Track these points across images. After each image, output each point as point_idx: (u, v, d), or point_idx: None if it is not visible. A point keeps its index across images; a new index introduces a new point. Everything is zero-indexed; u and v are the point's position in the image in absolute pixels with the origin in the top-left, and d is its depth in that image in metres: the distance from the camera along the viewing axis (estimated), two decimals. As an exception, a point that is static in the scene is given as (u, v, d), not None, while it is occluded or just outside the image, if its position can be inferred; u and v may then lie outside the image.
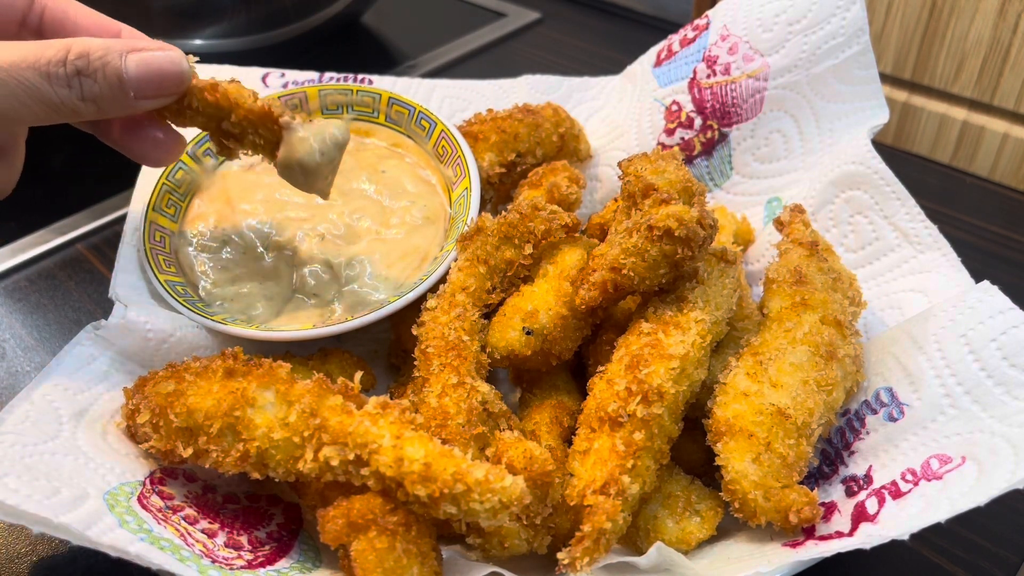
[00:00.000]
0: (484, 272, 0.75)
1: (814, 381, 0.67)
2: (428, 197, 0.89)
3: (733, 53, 0.92)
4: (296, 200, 0.88)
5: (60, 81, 0.64)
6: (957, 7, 1.35)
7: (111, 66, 0.66)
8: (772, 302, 0.73)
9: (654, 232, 0.67)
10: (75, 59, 0.64)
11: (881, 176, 0.82)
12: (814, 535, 0.63)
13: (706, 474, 0.71)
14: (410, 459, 0.56)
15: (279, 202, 0.88)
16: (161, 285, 0.78)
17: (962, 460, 0.61)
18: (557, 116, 0.95)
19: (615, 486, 0.61)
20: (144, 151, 0.75)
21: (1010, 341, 0.64)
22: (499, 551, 0.62)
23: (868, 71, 0.87)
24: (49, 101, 0.64)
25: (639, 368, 0.65)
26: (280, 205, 0.87)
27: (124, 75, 0.66)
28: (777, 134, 0.92)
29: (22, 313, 0.98)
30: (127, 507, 0.60)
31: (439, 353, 0.69)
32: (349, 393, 0.64)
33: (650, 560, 0.61)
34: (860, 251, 0.84)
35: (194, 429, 0.63)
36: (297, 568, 0.64)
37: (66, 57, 0.64)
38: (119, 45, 0.67)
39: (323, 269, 0.83)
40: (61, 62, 0.64)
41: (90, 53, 0.65)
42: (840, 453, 0.70)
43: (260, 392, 0.62)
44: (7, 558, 0.72)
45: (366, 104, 0.95)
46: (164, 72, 0.69)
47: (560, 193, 0.84)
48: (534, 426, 0.72)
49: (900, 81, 1.49)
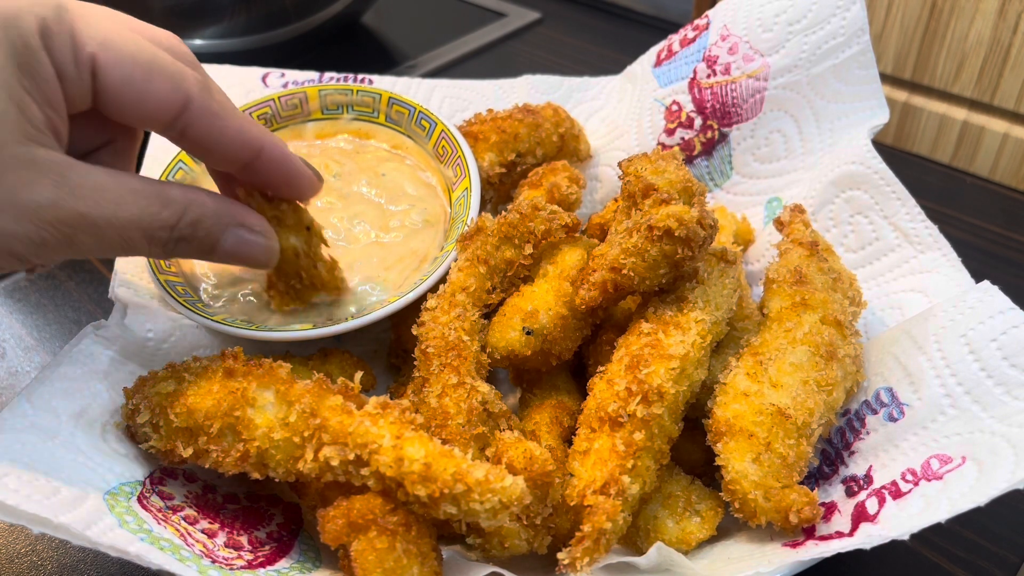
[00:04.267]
0: (484, 272, 0.75)
1: (814, 381, 0.67)
2: (428, 200, 0.89)
3: (733, 53, 0.92)
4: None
5: (158, 244, 0.61)
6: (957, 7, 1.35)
7: (211, 239, 0.64)
8: (772, 302, 0.73)
9: (654, 232, 0.67)
10: (186, 226, 0.62)
11: (881, 176, 0.82)
12: (814, 535, 0.63)
13: (706, 474, 0.71)
14: (410, 459, 0.56)
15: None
16: (161, 285, 0.78)
17: (962, 460, 0.61)
18: (557, 116, 0.95)
19: (615, 486, 0.61)
20: None
21: (1010, 341, 0.64)
22: (499, 551, 0.62)
23: (868, 71, 0.87)
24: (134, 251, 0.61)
25: (639, 368, 0.65)
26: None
27: (218, 248, 0.65)
28: (777, 134, 0.92)
29: (22, 313, 0.98)
30: (127, 507, 0.60)
31: (439, 353, 0.69)
32: (349, 393, 0.64)
33: (650, 560, 0.61)
34: (860, 251, 0.84)
35: (194, 429, 0.63)
36: (297, 568, 0.64)
37: (178, 223, 0.61)
38: (228, 216, 0.65)
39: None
40: (172, 228, 0.61)
41: (201, 223, 0.62)
42: (840, 453, 0.70)
43: (260, 392, 0.62)
44: (7, 558, 0.72)
45: (366, 104, 0.95)
46: (252, 259, 0.68)
47: (560, 193, 0.84)
48: (534, 426, 0.72)
49: (900, 81, 1.49)
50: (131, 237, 0.59)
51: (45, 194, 0.55)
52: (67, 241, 0.57)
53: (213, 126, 0.62)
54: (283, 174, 0.68)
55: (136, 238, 0.59)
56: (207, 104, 0.62)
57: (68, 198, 0.55)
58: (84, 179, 0.56)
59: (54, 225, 0.55)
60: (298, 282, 0.76)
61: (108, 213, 0.57)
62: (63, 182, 0.55)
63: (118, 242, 0.59)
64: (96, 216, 0.57)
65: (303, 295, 0.77)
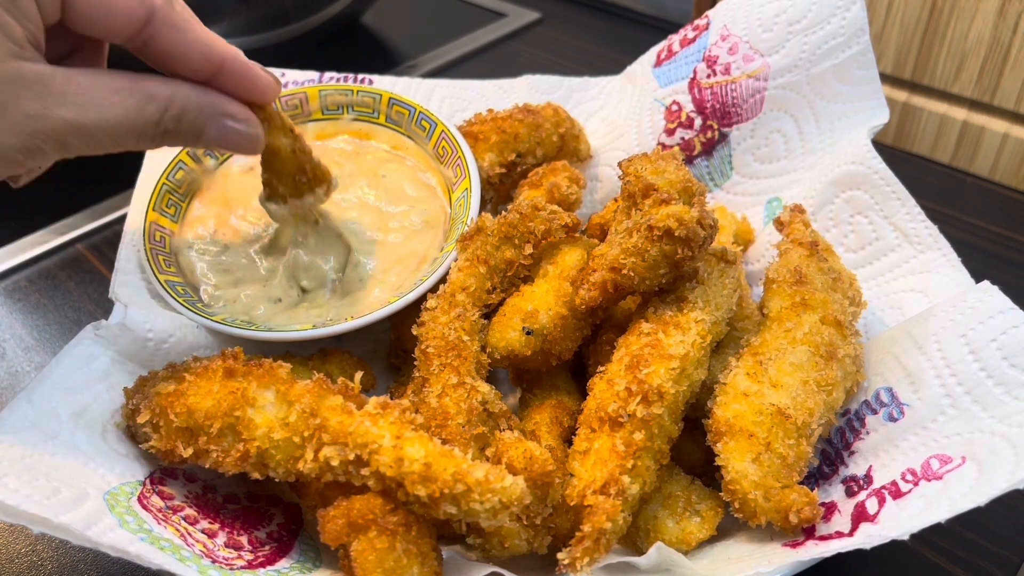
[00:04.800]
0: (484, 272, 0.75)
1: (814, 381, 0.67)
2: (428, 201, 0.89)
3: (733, 53, 0.92)
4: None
5: (146, 138, 0.64)
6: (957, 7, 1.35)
7: (197, 127, 0.66)
8: (772, 302, 0.73)
9: (654, 232, 0.67)
10: (170, 120, 0.64)
11: (881, 176, 0.82)
12: (814, 535, 0.63)
13: (706, 474, 0.71)
14: (410, 459, 0.56)
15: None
16: (161, 285, 0.78)
17: (962, 460, 0.61)
18: (557, 116, 0.95)
19: (615, 486, 0.61)
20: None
21: (1010, 341, 0.64)
22: (499, 551, 0.62)
23: (868, 71, 0.87)
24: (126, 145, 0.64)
25: (639, 368, 0.65)
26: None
27: (203, 137, 0.67)
28: (777, 134, 0.92)
29: (22, 313, 0.98)
30: (127, 507, 0.60)
31: (439, 353, 0.69)
32: (349, 393, 0.64)
33: (650, 560, 0.61)
34: (860, 251, 0.84)
35: (194, 429, 0.63)
36: (297, 568, 0.64)
37: (163, 116, 0.64)
38: (212, 107, 0.66)
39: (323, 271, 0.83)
40: (157, 122, 0.64)
41: (185, 114, 0.65)
42: (840, 453, 0.70)
43: (260, 392, 0.62)
44: (7, 558, 0.72)
45: (366, 104, 0.95)
46: (238, 146, 0.70)
47: (560, 193, 0.84)
48: (534, 426, 0.72)
49: (900, 81, 1.49)
50: (119, 135, 0.62)
51: (32, 106, 0.58)
52: (59, 146, 0.60)
53: (176, 39, 0.64)
54: (246, 83, 0.69)
55: (123, 136, 0.62)
56: (169, 16, 0.63)
57: (54, 107, 0.59)
58: (68, 86, 0.59)
59: (44, 134, 0.59)
60: (302, 176, 0.78)
61: (94, 116, 0.60)
62: (48, 92, 0.58)
63: (107, 141, 0.62)
64: (83, 121, 0.60)
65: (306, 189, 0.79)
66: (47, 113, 0.58)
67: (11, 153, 0.59)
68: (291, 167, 0.77)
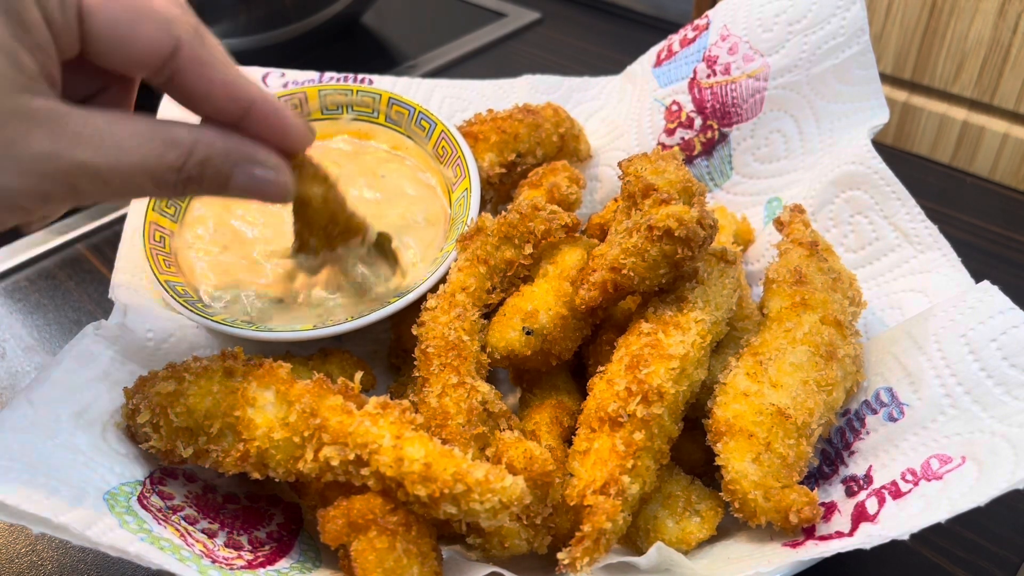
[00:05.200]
0: (484, 272, 0.75)
1: (814, 381, 0.67)
2: (428, 201, 0.89)
3: (733, 53, 0.92)
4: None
5: (167, 185, 0.59)
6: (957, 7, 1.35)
7: (221, 176, 0.61)
8: (772, 302, 0.73)
9: (654, 232, 0.67)
10: (192, 167, 0.59)
11: (881, 176, 0.82)
12: (814, 535, 0.63)
13: (706, 474, 0.71)
14: (410, 459, 0.56)
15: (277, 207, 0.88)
16: (161, 285, 0.78)
17: (962, 460, 0.61)
18: (557, 116, 0.95)
19: (615, 486, 0.61)
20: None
21: (1010, 341, 0.64)
22: (499, 551, 0.62)
23: (868, 71, 0.87)
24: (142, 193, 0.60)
25: (639, 368, 0.65)
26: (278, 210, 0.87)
27: (229, 185, 0.62)
28: (777, 134, 0.92)
29: (22, 313, 0.98)
30: (127, 507, 0.60)
31: (439, 353, 0.69)
32: (349, 393, 0.64)
33: (650, 560, 0.61)
34: (860, 251, 0.84)
35: (194, 429, 0.63)
36: (297, 568, 0.64)
37: (185, 163, 0.58)
38: (237, 153, 0.61)
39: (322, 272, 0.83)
40: (179, 169, 0.58)
41: (209, 161, 0.60)
42: (840, 453, 0.70)
43: (260, 392, 0.62)
44: (7, 558, 0.72)
45: (366, 104, 0.95)
46: (265, 195, 0.65)
47: (560, 193, 0.84)
48: (534, 426, 0.72)
49: (900, 81, 1.49)
50: (137, 182, 0.57)
51: (43, 145, 0.53)
52: (70, 191, 0.55)
53: (202, 75, 0.59)
54: (276, 128, 0.64)
55: (142, 182, 0.57)
56: (197, 52, 0.59)
57: (67, 147, 0.53)
58: (83, 126, 0.54)
59: (55, 176, 0.54)
60: (334, 228, 0.74)
61: (111, 159, 0.55)
62: (61, 131, 0.53)
63: (124, 187, 0.57)
64: (98, 163, 0.55)
65: (339, 241, 0.76)
66: (59, 154, 0.53)
67: (19, 198, 0.54)
68: (323, 218, 0.72)
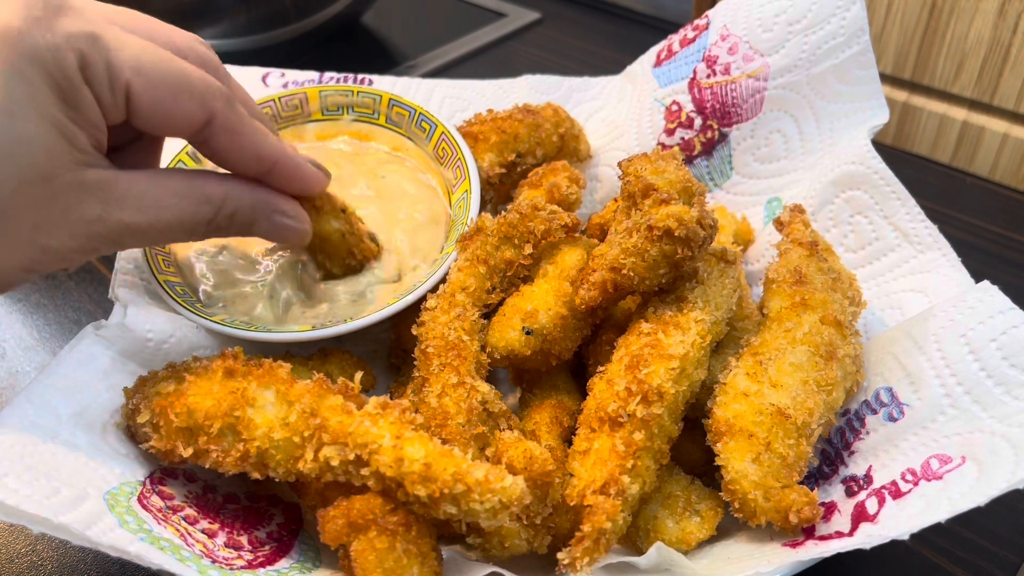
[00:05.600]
0: (484, 272, 0.75)
1: (814, 381, 0.67)
2: (428, 202, 0.89)
3: (733, 53, 0.92)
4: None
5: (197, 235, 0.67)
6: (957, 7, 1.35)
7: (247, 223, 0.69)
8: (772, 302, 0.73)
9: (654, 232, 0.67)
10: (223, 219, 0.67)
11: (881, 176, 0.82)
12: (814, 535, 0.63)
13: (706, 474, 0.71)
14: (410, 459, 0.56)
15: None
16: (160, 285, 0.78)
17: (962, 460, 0.61)
18: (557, 116, 0.95)
19: (615, 486, 0.61)
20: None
21: (1010, 341, 0.64)
22: (499, 551, 0.62)
23: (868, 71, 0.87)
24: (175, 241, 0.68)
25: (639, 368, 0.65)
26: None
27: (253, 231, 0.70)
28: (777, 134, 0.92)
29: (22, 313, 0.98)
30: (127, 507, 0.60)
31: (439, 353, 0.69)
32: (349, 393, 0.64)
33: (650, 560, 0.61)
34: (860, 251, 0.84)
35: (194, 429, 0.63)
36: (297, 568, 0.64)
37: (216, 216, 0.67)
38: (265, 205, 0.70)
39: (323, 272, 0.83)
40: (210, 221, 0.66)
41: (238, 214, 0.68)
42: (840, 453, 0.70)
43: (260, 392, 0.62)
44: (7, 558, 0.72)
45: (366, 105, 0.95)
46: (287, 239, 0.73)
47: (560, 193, 0.84)
48: (534, 426, 0.72)
49: (900, 81, 1.49)
50: (172, 234, 0.65)
51: (94, 211, 0.60)
52: (114, 246, 0.63)
53: (233, 141, 0.67)
54: (296, 179, 0.72)
55: (176, 233, 0.66)
56: (230, 120, 0.66)
57: (114, 211, 0.61)
58: (128, 190, 0.62)
59: (102, 236, 0.61)
60: (352, 259, 0.81)
61: (151, 218, 0.63)
62: (109, 197, 0.61)
63: (160, 238, 0.65)
64: (140, 222, 0.62)
65: (356, 269, 0.82)
66: (107, 217, 0.61)
67: (68, 254, 0.61)
68: (342, 251, 0.80)
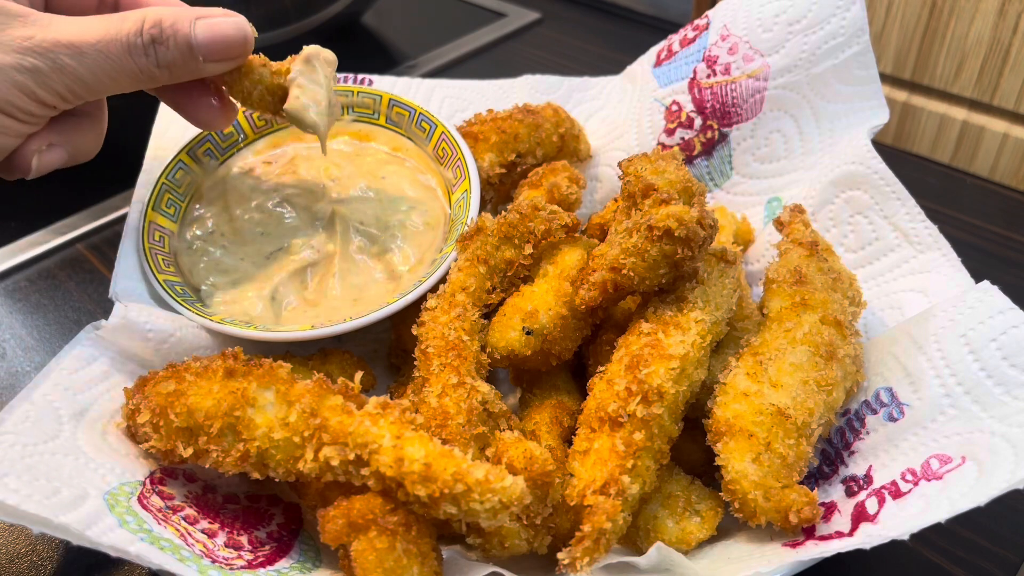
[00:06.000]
0: (484, 272, 0.75)
1: (814, 381, 0.67)
2: (428, 203, 0.89)
3: (733, 53, 0.92)
4: (294, 204, 0.88)
5: (139, 51, 0.69)
6: (957, 7, 1.35)
7: (181, 33, 0.70)
8: (772, 302, 0.73)
9: (654, 232, 0.67)
10: (150, 28, 0.69)
11: (881, 176, 0.82)
12: (814, 535, 0.63)
13: (706, 474, 0.71)
14: (410, 459, 0.56)
15: (277, 206, 0.88)
16: (160, 285, 0.78)
17: (962, 460, 0.61)
18: (557, 116, 0.95)
19: (615, 486, 0.61)
20: (198, 114, 0.80)
21: (1010, 341, 0.64)
22: (499, 551, 0.62)
23: (868, 71, 0.87)
24: (131, 71, 0.70)
25: (639, 368, 0.65)
26: (278, 211, 0.88)
27: (193, 41, 0.71)
28: (777, 134, 0.92)
29: (22, 313, 0.98)
30: (127, 507, 0.60)
31: (439, 353, 0.69)
32: (349, 393, 0.64)
33: (650, 560, 0.61)
34: (860, 251, 0.84)
35: (194, 429, 0.63)
36: (297, 568, 0.64)
37: (142, 27, 0.69)
38: (187, 12, 0.71)
39: (322, 271, 0.83)
40: (139, 32, 0.69)
41: (163, 21, 0.70)
42: (840, 453, 0.70)
43: (260, 392, 0.62)
44: (7, 558, 0.72)
45: (367, 106, 0.95)
46: (229, 37, 0.73)
47: (560, 193, 0.84)
48: (534, 426, 0.72)
49: (900, 81, 1.49)
50: (111, 52, 0.68)
51: (20, 32, 0.65)
52: (55, 66, 0.66)
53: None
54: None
55: (116, 52, 0.68)
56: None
57: (39, 30, 0.66)
58: (49, 19, 0.67)
59: (36, 51, 0.65)
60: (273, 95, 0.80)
61: (77, 34, 0.66)
62: (34, 22, 0.66)
63: (103, 60, 0.68)
64: (71, 38, 0.66)
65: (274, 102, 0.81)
66: (34, 35, 0.65)
67: (13, 73, 0.64)
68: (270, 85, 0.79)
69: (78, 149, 0.76)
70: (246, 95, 0.79)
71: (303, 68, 0.79)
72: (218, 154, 0.91)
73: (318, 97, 0.79)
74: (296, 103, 0.78)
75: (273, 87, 0.79)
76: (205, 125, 0.82)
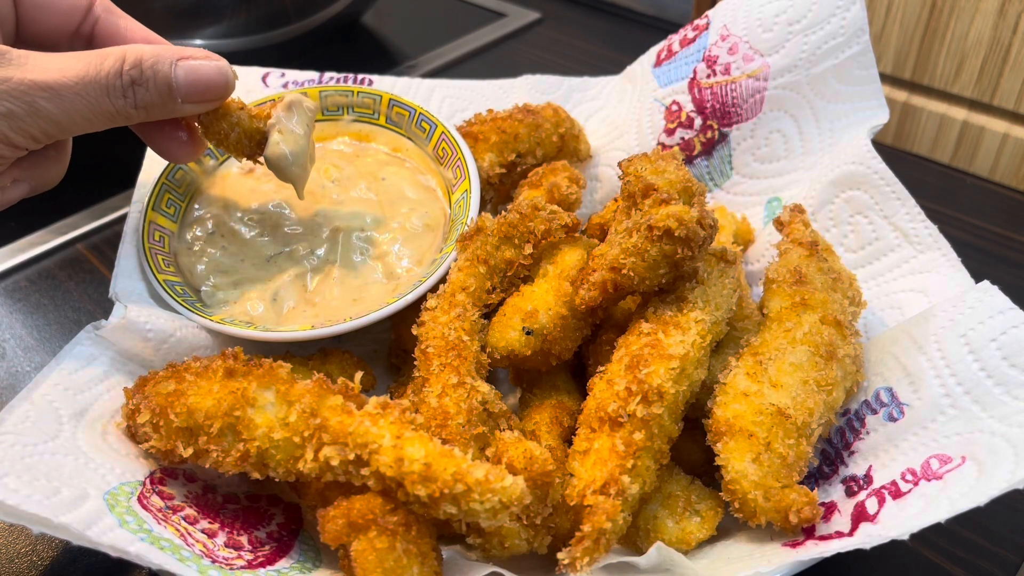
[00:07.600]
0: (484, 272, 0.75)
1: (814, 381, 0.67)
2: (428, 204, 0.89)
3: (733, 53, 0.92)
4: (294, 205, 0.88)
5: (117, 92, 0.67)
6: (957, 7, 1.35)
7: (162, 74, 0.69)
8: (772, 302, 0.73)
9: (654, 232, 0.67)
10: (129, 69, 0.67)
11: (881, 176, 0.82)
12: (814, 535, 0.63)
13: (706, 474, 0.71)
14: (410, 459, 0.56)
15: (277, 207, 0.88)
16: (160, 285, 0.78)
17: (962, 460, 0.61)
18: (557, 116, 0.95)
19: (615, 486, 0.61)
20: (166, 147, 0.78)
21: (1010, 341, 0.64)
22: (499, 551, 0.62)
23: (868, 71, 0.87)
24: (108, 112, 0.68)
25: (639, 368, 0.65)
26: (278, 210, 0.88)
27: (173, 83, 0.70)
28: (777, 134, 0.92)
29: (22, 313, 0.98)
30: (127, 507, 0.60)
31: (439, 353, 0.69)
32: (349, 393, 0.64)
33: (650, 560, 0.61)
34: (860, 251, 0.84)
35: (194, 429, 0.63)
36: (297, 568, 0.64)
37: (122, 67, 0.67)
38: (169, 52, 0.70)
39: (322, 271, 0.83)
40: (118, 74, 0.67)
41: (143, 61, 0.68)
42: (840, 453, 0.70)
43: (260, 392, 0.62)
44: (7, 558, 0.72)
45: (367, 106, 0.95)
46: (210, 81, 0.72)
47: (560, 193, 0.84)
48: (534, 426, 0.72)
49: (900, 81, 1.49)
50: (89, 95, 0.66)
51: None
52: (31, 109, 0.64)
53: (119, 22, 0.74)
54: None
55: (94, 93, 0.66)
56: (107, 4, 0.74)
57: (17, 71, 0.63)
58: (26, 58, 0.65)
59: (11, 95, 0.63)
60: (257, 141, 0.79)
61: (56, 75, 0.64)
62: (8, 62, 0.64)
63: (80, 102, 0.66)
64: (47, 80, 0.64)
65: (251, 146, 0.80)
66: (10, 76, 0.63)
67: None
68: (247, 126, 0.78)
69: (41, 182, 0.74)
70: (222, 137, 0.77)
71: (285, 114, 0.78)
72: (218, 154, 0.91)
73: (298, 145, 0.78)
74: (276, 149, 0.77)
75: (251, 131, 0.78)
76: (171, 158, 0.80)
